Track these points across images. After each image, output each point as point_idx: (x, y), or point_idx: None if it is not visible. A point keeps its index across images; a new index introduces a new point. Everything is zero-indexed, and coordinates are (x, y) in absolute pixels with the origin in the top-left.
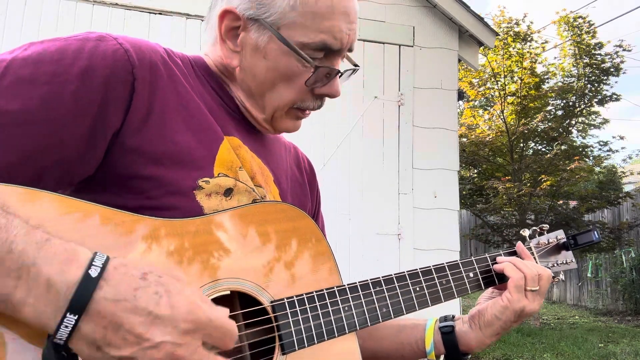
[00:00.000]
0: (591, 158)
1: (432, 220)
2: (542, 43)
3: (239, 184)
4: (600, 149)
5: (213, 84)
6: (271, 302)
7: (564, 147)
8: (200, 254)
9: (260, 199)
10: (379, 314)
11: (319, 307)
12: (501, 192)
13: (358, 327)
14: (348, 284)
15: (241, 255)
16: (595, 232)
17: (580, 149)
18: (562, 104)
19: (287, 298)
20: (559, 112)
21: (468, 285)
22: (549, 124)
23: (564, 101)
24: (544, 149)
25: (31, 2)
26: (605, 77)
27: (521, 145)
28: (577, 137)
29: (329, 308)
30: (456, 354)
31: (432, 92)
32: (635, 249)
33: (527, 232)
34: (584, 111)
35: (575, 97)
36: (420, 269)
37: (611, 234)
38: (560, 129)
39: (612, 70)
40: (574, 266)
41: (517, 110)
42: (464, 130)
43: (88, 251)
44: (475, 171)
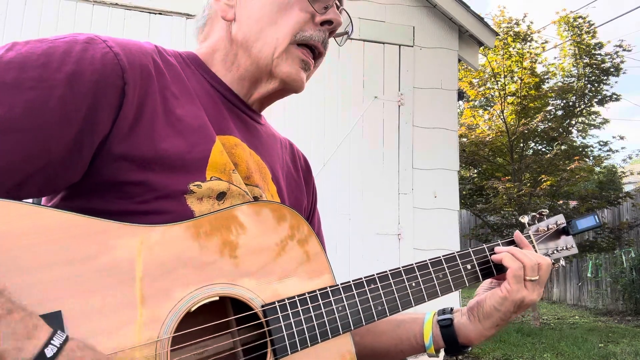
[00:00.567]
0: (591, 158)
1: (432, 220)
2: (542, 43)
3: (233, 187)
4: (600, 149)
5: (208, 77)
6: (262, 306)
7: (564, 147)
8: (189, 258)
9: (254, 200)
10: (374, 312)
11: (311, 309)
12: (501, 192)
13: (353, 328)
14: (341, 284)
15: (231, 259)
16: (595, 216)
17: (580, 149)
18: (562, 104)
19: (278, 301)
20: (559, 112)
21: (465, 278)
22: (549, 124)
23: (564, 101)
24: (544, 149)
25: (31, 2)
26: (605, 77)
27: (521, 145)
28: (577, 137)
29: (322, 309)
30: (456, 346)
31: (432, 92)
32: (635, 249)
33: (526, 219)
34: (584, 111)
35: (575, 97)
36: (416, 263)
37: (611, 234)
38: (560, 129)
39: (612, 70)
40: (574, 251)
41: (517, 110)
42: (464, 130)
43: (49, 328)
44: (475, 171)
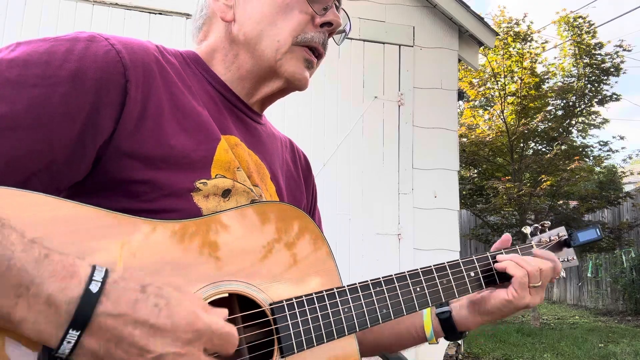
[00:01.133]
0: (591, 158)
1: (432, 220)
2: (542, 43)
3: (237, 185)
4: (600, 149)
5: (208, 77)
6: (270, 304)
7: (564, 147)
8: (198, 256)
9: (258, 198)
10: (378, 315)
11: (318, 309)
12: (501, 192)
13: (358, 329)
14: (348, 285)
15: (239, 257)
16: (597, 229)
17: (580, 149)
18: (562, 104)
19: (286, 300)
20: (559, 112)
21: (469, 285)
22: (549, 124)
23: (564, 101)
24: (544, 149)
25: (31, 2)
26: (605, 77)
27: (521, 145)
28: (577, 137)
29: (329, 310)
30: (455, 335)
31: (432, 92)
32: (635, 249)
33: (529, 229)
34: (584, 111)
35: (575, 97)
36: (420, 268)
37: (611, 234)
38: (560, 129)
39: (612, 70)
40: (575, 263)
41: (517, 110)
42: (464, 130)
43: (87, 265)
44: (475, 171)
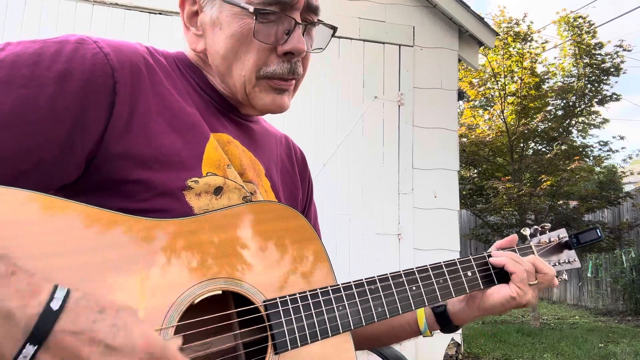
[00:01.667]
0: (591, 158)
1: (432, 220)
2: (542, 43)
3: (229, 182)
4: (600, 149)
5: (197, 79)
6: (263, 301)
7: (564, 147)
8: (191, 254)
9: (250, 195)
10: (374, 313)
11: (312, 307)
12: (501, 192)
13: (352, 327)
14: (342, 284)
15: (233, 255)
16: (598, 230)
17: (581, 149)
18: (562, 104)
19: (279, 298)
20: (559, 112)
21: (466, 285)
22: (549, 124)
23: (564, 101)
24: (544, 149)
25: (31, 2)
26: (605, 77)
27: (521, 145)
28: (577, 137)
29: (323, 307)
30: (450, 328)
31: (432, 92)
32: (635, 249)
33: (529, 231)
34: (584, 111)
35: (575, 97)
36: (417, 268)
37: (611, 234)
38: (560, 129)
39: (612, 70)
40: (577, 265)
41: (517, 110)
42: (464, 130)
43: (50, 285)
44: (475, 171)
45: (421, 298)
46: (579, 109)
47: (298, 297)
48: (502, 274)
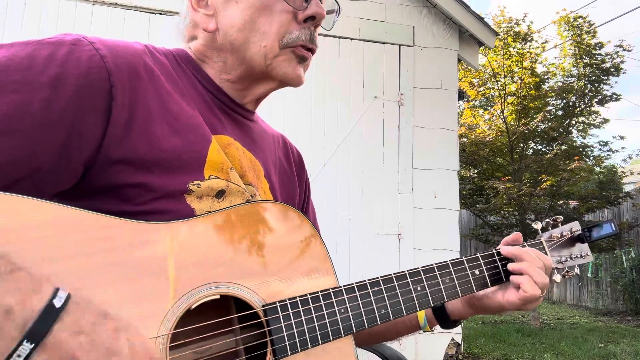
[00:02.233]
0: (591, 158)
1: (432, 220)
2: (542, 43)
3: (232, 185)
4: (600, 149)
5: (198, 75)
6: (263, 306)
7: (564, 147)
8: (188, 257)
9: (251, 198)
10: (377, 315)
11: (313, 310)
12: (501, 192)
13: (355, 330)
14: (344, 285)
15: (232, 258)
16: (612, 224)
17: (581, 149)
18: (562, 104)
19: (279, 301)
20: (559, 112)
21: (473, 284)
22: (549, 124)
23: (564, 101)
24: (544, 149)
25: (31, 2)
26: (606, 77)
27: (521, 145)
28: (577, 137)
29: (324, 311)
30: (449, 324)
31: (432, 92)
32: (635, 249)
33: (540, 225)
34: (584, 111)
35: (575, 97)
36: (422, 267)
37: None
38: (560, 129)
39: (612, 70)
40: (590, 259)
41: (517, 110)
42: (464, 130)
43: (52, 286)
44: (475, 171)
45: (426, 299)
46: (579, 109)
47: (298, 301)
48: (511, 272)
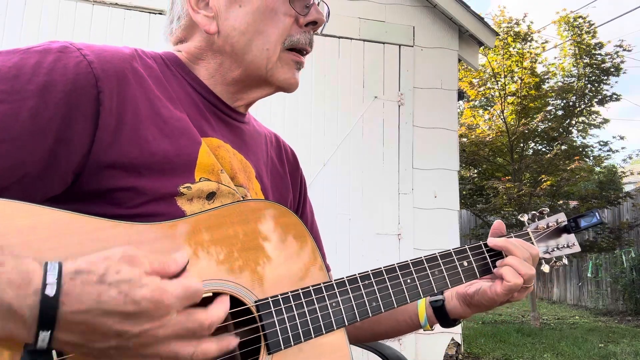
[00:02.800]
0: (591, 158)
1: (432, 220)
2: (542, 43)
3: (222, 187)
4: (600, 149)
5: (189, 79)
6: (255, 301)
7: (564, 147)
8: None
9: (242, 199)
10: (368, 308)
11: (305, 305)
12: (501, 192)
13: (347, 323)
14: (335, 280)
15: (223, 256)
16: (597, 213)
17: (581, 149)
18: (562, 104)
19: (271, 297)
20: (559, 112)
21: (462, 275)
22: (549, 124)
23: (564, 101)
24: (544, 149)
25: (31, 2)
26: (606, 77)
27: (521, 145)
28: (577, 137)
29: (316, 305)
30: (449, 322)
31: (432, 92)
32: (635, 249)
33: (526, 217)
34: (584, 111)
35: (575, 97)
36: (411, 260)
37: (611, 234)
38: (561, 129)
39: (612, 70)
40: (577, 249)
41: (517, 110)
42: (464, 130)
43: (39, 267)
44: (475, 171)
45: (416, 290)
46: (579, 109)
47: (290, 296)
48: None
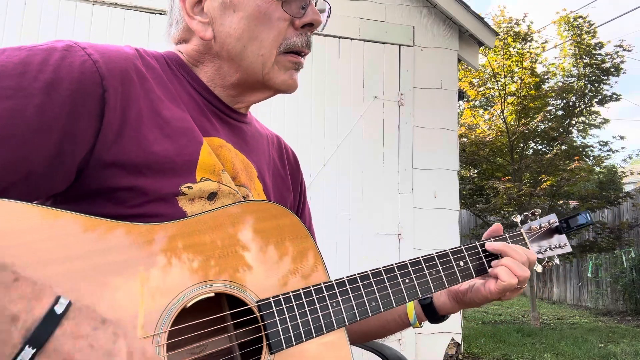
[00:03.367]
0: (591, 158)
1: (432, 220)
2: (542, 43)
3: (223, 187)
4: (600, 149)
5: (191, 79)
6: (257, 302)
7: (564, 147)
8: (182, 257)
9: (244, 199)
10: (368, 308)
11: (306, 305)
12: (501, 192)
13: (347, 323)
14: (335, 280)
15: (225, 257)
16: (587, 214)
17: (581, 149)
18: (562, 104)
19: (272, 297)
20: (559, 112)
21: (459, 275)
22: (549, 124)
23: (564, 101)
24: (544, 149)
25: (31, 2)
26: (606, 77)
27: (521, 145)
28: (577, 137)
29: (317, 305)
30: (437, 318)
31: (432, 92)
32: (635, 249)
33: (519, 218)
34: (584, 111)
35: (575, 97)
36: (409, 260)
37: (611, 234)
38: (561, 129)
39: (612, 70)
40: (568, 249)
41: (517, 110)
42: (464, 130)
43: (53, 294)
44: (475, 171)
45: (414, 290)
46: (579, 109)
47: (292, 296)
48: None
